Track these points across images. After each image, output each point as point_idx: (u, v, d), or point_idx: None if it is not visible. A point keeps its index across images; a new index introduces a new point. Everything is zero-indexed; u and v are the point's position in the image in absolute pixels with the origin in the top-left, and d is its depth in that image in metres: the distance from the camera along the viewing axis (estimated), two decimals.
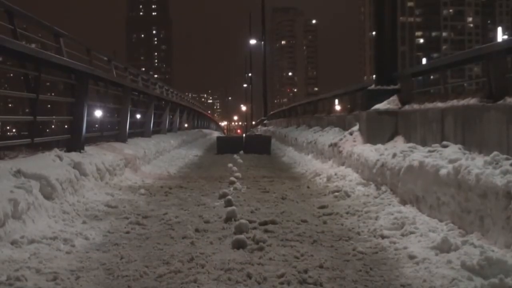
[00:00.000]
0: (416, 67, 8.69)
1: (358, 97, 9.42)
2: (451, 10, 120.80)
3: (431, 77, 10.40)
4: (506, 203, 2.59)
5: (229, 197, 4.51)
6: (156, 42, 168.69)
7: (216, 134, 23.28)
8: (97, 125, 8.02)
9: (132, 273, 2.47)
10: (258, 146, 11.43)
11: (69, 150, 5.51)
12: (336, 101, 12.69)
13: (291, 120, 16.97)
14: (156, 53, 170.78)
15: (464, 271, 2.34)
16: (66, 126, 8.52)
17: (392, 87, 6.63)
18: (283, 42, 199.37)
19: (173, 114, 14.02)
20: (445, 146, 4.08)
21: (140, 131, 9.83)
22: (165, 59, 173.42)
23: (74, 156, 5.05)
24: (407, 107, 6.09)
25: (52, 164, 4.39)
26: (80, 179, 4.59)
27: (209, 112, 42.27)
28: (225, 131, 64.78)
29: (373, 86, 6.86)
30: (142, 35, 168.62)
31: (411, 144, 4.90)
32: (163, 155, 8.96)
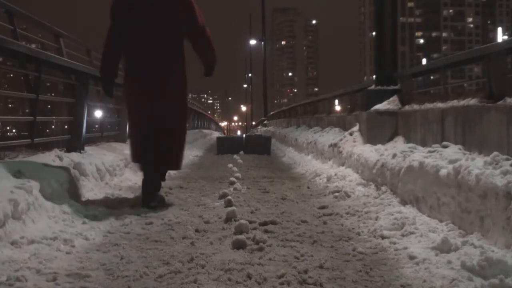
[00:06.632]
0: (416, 68, 8.68)
1: (358, 98, 9.43)
2: (451, 11, 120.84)
3: (431, 77, 10.41)
4: (506, 204, 2.59)
5: (229, 197, 4.51)
6: None
7: (216, 134, 23.26)
8: (97, 126, 8.02)
9: (132, 273, 2.46)
10: (258, 147, 11.42)
11: (69, 150, 5.51)
12: (336, 101, 12.71)
13: (291, 120, 16.97)
14: None
15: (464, 272, 2.34)
16: (66, 127, 8.53)
17: (392, 87, 6.63)
18: (283, 42, 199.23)
19: None
20: (445, 147, 4.08)
21: None
22: None
23: (74, 156, 5.05)
24: (407, 107, 6.09)
25: (52, 164, 4.39)
26: (80, 180, 4.59)
27: (209, 112, 42.26)
28: (225, 131, 64.75)
29: (373, 87, 6.86)
30: None
31: (411, 145, 4.90)
32: None
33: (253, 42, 43.70)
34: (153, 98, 4.50)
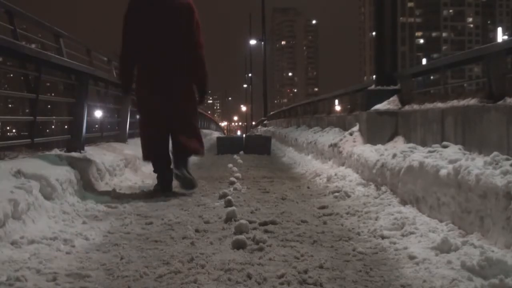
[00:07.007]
0: (416, 68, 8.68)
1: (358, 98, 9.43)
2: (451, 11, 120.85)
3: (431, 77, 10.41)
4: (506, 204, 2.59)
5: (229, 197, 4.51)
6: None
7: (216, 134, 23.27)
8: (97, 126, 8.02)
9: (132, 273, 2.46)
10: (258, 147, 11.42)
11: (69, 150, 5.51)
12: (336, 101, 12.71)
13: (291, 120, 16.97)
14: None
15: (464, 272, 2.34)
16: (66, 127, 8.53)
17: (392, 87, 6.62)
18: (283, 42, 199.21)
19: None
20: (445, 147, 4.07)
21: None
22: None
23: (74, 156, 5.05)
24: (407, 107, 6.09)
25: (52, 164, 4.39)
26: (80, 180, 4.59)
27: (209, 112, 42.24)
28: (225, 131, 64.74)
29: (373, 87, 6.85)
30: None
31: (411, 145, 4.90)
32: None
33: (253, 42, 43.73)
34: (167, 99, 5.04)
